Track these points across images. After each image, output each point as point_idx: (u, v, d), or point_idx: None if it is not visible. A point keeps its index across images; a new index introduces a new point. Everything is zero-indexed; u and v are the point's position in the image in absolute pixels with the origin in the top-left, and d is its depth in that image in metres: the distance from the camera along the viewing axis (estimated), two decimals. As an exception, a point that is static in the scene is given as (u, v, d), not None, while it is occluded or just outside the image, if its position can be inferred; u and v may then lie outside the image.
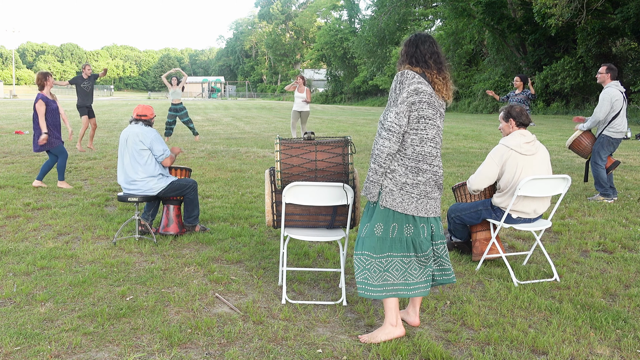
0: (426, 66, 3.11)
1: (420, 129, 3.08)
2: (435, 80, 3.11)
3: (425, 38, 3.17)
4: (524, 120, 4.37)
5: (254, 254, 4.79)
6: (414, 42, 3.17)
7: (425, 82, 3.09)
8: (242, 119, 25.01)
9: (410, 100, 3.03)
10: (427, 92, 3.07)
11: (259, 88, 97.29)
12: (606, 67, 7.01)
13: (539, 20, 25.47)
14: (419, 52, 3.12)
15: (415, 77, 3.07)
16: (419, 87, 3.05)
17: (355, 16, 58.71)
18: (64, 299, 3.71)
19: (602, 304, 3.72)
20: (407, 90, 3.04)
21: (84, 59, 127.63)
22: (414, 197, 3.13)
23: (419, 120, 3.06)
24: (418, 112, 3.05)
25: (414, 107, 3.04)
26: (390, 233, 3.17)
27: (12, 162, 9.98)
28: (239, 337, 3.22)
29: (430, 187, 3.16)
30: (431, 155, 3.13)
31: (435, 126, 3.12)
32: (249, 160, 10.66)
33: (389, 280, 3.17)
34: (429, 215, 3.19)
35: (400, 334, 3.19)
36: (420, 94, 3.04)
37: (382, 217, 3.17)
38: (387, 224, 3.16)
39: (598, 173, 7.03)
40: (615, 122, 6.93)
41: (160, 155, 5.16)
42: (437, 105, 3.13)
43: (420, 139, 3.08)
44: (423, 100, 3.05)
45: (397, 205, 3.13)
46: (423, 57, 3.11)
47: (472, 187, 4.40)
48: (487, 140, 15.30)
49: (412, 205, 3.13)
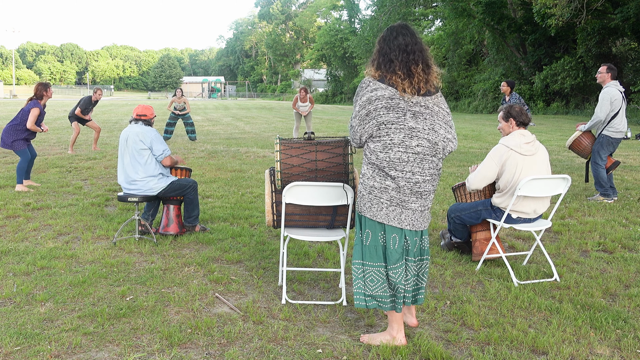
0: (388, 66, 2.93)
1: (382, 135, 2.91)
2: (396, 82, 2.91)
3: (398, 31, 2.98)
4: (524, 120, 4.36)
5: (254, 254, 4.79)
6: (385, 38, 3.01)
7: (383, 85, 2.92)
8: (242, 119, 25.02)
9: (363, 112, 2.93)
10: (385, 97, 2.90)
11: (259, 88, 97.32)
12: (606, 66, 7.01)
13: (539, 20, 25.47)
14: (387, 49, 2.96)
15: (370, 84, 2.94)
16: (372, 95, 2.91)
17: (355, 16, 58.65)
18: (64, 299, 3.71)
19: (602, 304, 3.72)
20: (359, 103, 2.95)
21: (83, 59, 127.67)
22: (383, 203, 2.95)
23: (379, 127, 2.90)
24: (375, 119, 2.90)
25: (370, 117, 2.91)
26: (364, 240, 3.06)
27: (12, 162, 9.98)
28: (239, 337, 3.22)
29: (404, 194, 2.93)
30: (402, 161, 2.91)
31: (405, 128, 2.89)
32: (249, 160, 10.66)
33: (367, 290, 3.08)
34: (403, 227, 2.97)
35: (399, 343, 3.10)
36: (374, 102, 2.90)
37: (358, 223, 3.12)
38: (362, 230, 3.08)
39: (598, 173, 7.04)
40: (614, 122, 6.93)
41: (160, 155, 5.16)
42: (404, 106, 2.90)
43: (383, 145, 2.91)
44: (379, 107, 2.89)
45: (366, 210, 3.00)
46: (388, 56, 2.95)
47: (471, 186, 4.40)
48: (487, 140, 15.30)
49: (382, 212, 2.96)
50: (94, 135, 12.10)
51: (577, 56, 27.89)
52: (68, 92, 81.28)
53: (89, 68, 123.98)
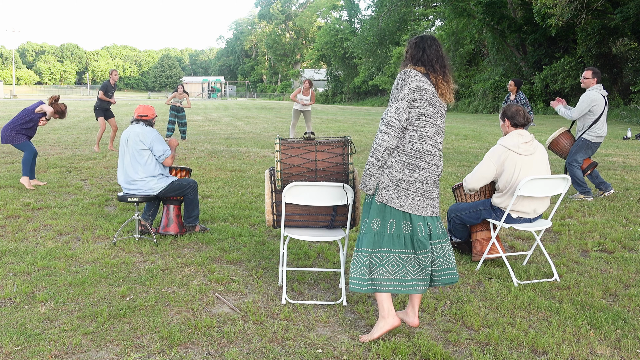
0: (432, 69, 3.15)
1: (420, 126, 3.10)
2: (440, 84, 3.15)
3: (432, 42, 3.20)
4: (518, 121, 4.33)
5: (254, 254, 4.79)
6: (420, 45, 3.20)
7: (428, 81, 3.12)
8: (242, 119, 25.02)
9: (411, 97, 3.06)
10: (429, 91, 3.10)
11: (259, 88, 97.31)
12: (591, 71, 6.97)
13: (539, 20, 25.47)
14: (425, 56, 3.16)
15: (418, 75, 3.11)
16: (421, 85, 3.08)
17: (355, 16, 58.71)
18: (64, 299, 3.71)
19: (602, 304, 3.72)
20: (408, 87, 3.07)
21: (83, 59, 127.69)
22: (410, 195, 3.13)
23: (420, 117, 3.09)
24: (419, 109, 3.08)
25: (415, 104, 3.07)
26: (388, 229, 3.17)
27: (12, 162, 9.98)
28: (239, 337, 3.22)
29: (427, 185, 3.17)
30: (430, 154, 3.13)
31: (436, 125, 3.14)
32: (249, 160, 10.66)
33: (385, 275, 3.16)
34: (425, 214, 3.18)
35: (394, 323, 3.18)
36: (422, 92, 3.07)
37: (379, 212, 3.18)
38: (385, 220, 3.17)
39: (574, 173, 7.07)
40: (595, 127, 6.90)
41: (161, 155, 5.16)
42: (439, 105, 3.16)
43: (419, 136, 3.10)
44: (425, 98, 3.08)
45: (393, 201, 3.14)
46: (430, 62, 3.15)
47: (468, 186, 4.40)
48: (487, 140, 15.30)
49: (408, 202, 3.13)
50: (111, 135, 12.08)
51: (577, 56, 27.89)
52: (68, 92, 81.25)
53: (89, 68, 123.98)
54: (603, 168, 9.75)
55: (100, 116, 11.69)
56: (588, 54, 27.02)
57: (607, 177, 8.83)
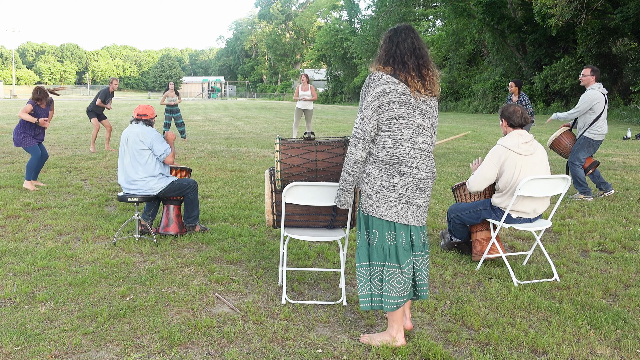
0: (402, 67, 2.95)
1: (392, 130, 2.92)
2: (410, 81, 2.94)
3: (406, 34, 3.00)
4: (514, 121, 4.32)
5: (254, 254, 4.79)
6: (394, 39, 3.00)
7: (396, 80, 2.93)
8: (242, 119, 25.02)
9: (375, 103, 2.90)
10: (398, 91, 2.91)
11: (259, 88, 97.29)
12: (590, 69, 7.00)
13: (539, 20, 25.46)
14: (398, 52, 2.97)
15: (382, 77, 2.94)
16: (386, 88, 2.91)
17: (355, 16, 58.65)
18: (64, 299, 3.71)
19: (602, 304, 3.72)
20: (372, 93, 2.91)
21: (83, 59, 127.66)
22: (392, 202, 2.97)
23: (390, 121, 2.91)
24: (388, 113, 2.91)
25: (383, 109, 2.91)
26: (371, 240, 3.06)
27: (12, 162, 9.98)
28: (239, 337, 3.22)
29: (411, 191, 2.98)
30: (409, 157, 2.95)
31: (414, 125, 2.94)
32: (249, 160, 10.66)
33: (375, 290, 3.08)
34: (409, 223, 3.01)
35: (399, 345, 3.10)
36: (387, 95, 2.90)
37: (364, 223, 3.10)
38: (369, 231, 3.07)
39: (576, 172, 7.08)
40: (596, 125, 6.94)
41: (161, 155, 5.16)
42: (414, 102, 2.95)
43: (394, 140, 2.93)
44: (392, 100, 2.90)
45: (375, 210, 3.00)
46: (401, 58, 2.95)
47: (472, 188, 4.40)
48: (487, 140, 15.30)
49: (391, 210, 2.98)
50: (106, 135, 12.09)
51: (577, 56, 27.89)
52: (68, 92, 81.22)
53: (89, 68, 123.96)
54: (603, 168, 9.75)
55: (92, 117, 11.70)
56: (588, 54, 27.01)
57: (607, 177, 8.83)
